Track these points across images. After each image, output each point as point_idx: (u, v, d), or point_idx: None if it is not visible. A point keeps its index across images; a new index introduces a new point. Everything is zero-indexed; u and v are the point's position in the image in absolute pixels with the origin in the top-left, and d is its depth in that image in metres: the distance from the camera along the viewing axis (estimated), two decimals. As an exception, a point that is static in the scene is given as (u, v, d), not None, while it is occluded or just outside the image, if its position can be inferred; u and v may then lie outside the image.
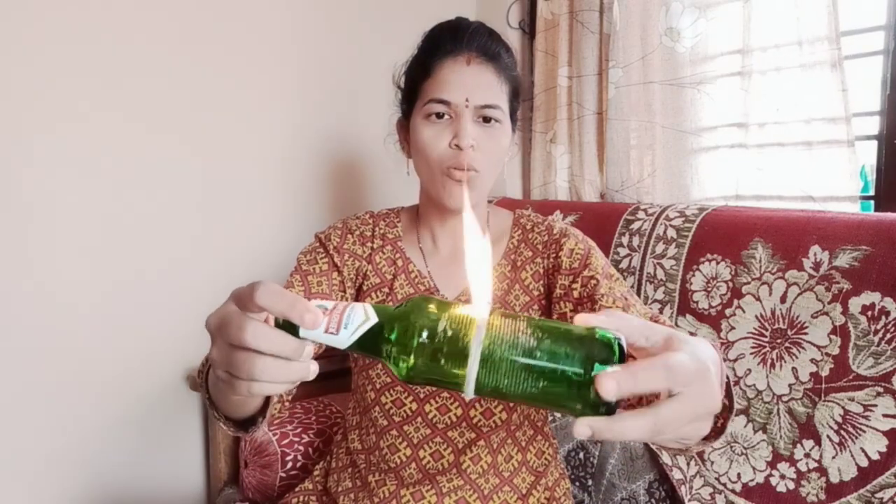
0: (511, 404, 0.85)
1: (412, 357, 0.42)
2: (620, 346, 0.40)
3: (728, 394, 0.58)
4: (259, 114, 1.35)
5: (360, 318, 0.44)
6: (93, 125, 1.14)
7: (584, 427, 0.39)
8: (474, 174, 0.81)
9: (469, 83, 0.80)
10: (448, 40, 0.83)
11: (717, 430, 0.58)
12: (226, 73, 1.29)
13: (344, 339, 0.44)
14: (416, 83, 0.85)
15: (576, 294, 0.81)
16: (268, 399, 0.66)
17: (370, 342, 0.44)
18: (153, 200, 1.22)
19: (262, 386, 0.44)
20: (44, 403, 1.13)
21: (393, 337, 0.43)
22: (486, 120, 0.82)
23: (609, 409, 0.40)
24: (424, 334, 0.42)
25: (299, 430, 1.20)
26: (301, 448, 1.18)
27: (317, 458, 1.19)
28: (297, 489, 0.99)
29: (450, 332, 0.41)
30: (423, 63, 0.85)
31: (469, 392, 0.41)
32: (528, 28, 1.65)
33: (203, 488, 1.36)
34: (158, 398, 1.27)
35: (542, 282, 0.88)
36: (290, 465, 1.16)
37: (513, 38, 1.67)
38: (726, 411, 0.57)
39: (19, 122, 1.06)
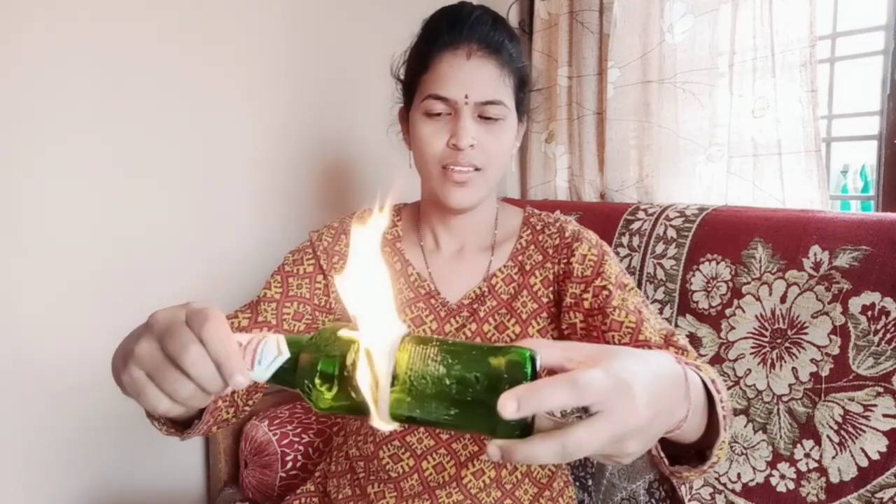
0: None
1: (325, 390, 0.42)
2: (533, 361, 0.39)
3: (712, 419, 0.54)
4: (253, 111, 1.34)
5: (273, 354, 0.44)
6: (80, 126, 1.13)
7: (494, 449, 0.38)
8: (475, 173, 0.78)
9: (469, 78, 0.76)
10: (447, 31, 0.78)
11: (700, 457, 0.56)
12: (216, 69, 1.28)
13: (260, 375, 0.44)
14: (414, 76, 0.81)
15: (586, 304, 0.77)
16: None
17: (285, 377, 0.44)
18: (149, 200, 1.22)
19: (173, 405, 0.45)
20: (43, 403, 1.13)
21: (305, 372, 0.43)
22: (488, 117, 0.77)
23: (524, 430, 0.38)
24: (334, 367, 0.41)
25: (299, 430, 1.20)
26: (301, 448, 1.18)
27: (317, 458, 1.19)
28: (298, 491, 0.98)
29: (358, 364, 0.40)
30: (421, 55, 0.80)
31: (381, 423, 0.40)
32: (528, 28, 1.65)
33: (203, 488, 1.36)
34: (158, 398, 1.27)
35: (551, 288, 0.83)
36: (290, 465, 1.16)
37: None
38: (715, 436, 0.54)
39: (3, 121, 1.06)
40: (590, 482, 1.15)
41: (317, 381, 0.42)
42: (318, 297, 0.84)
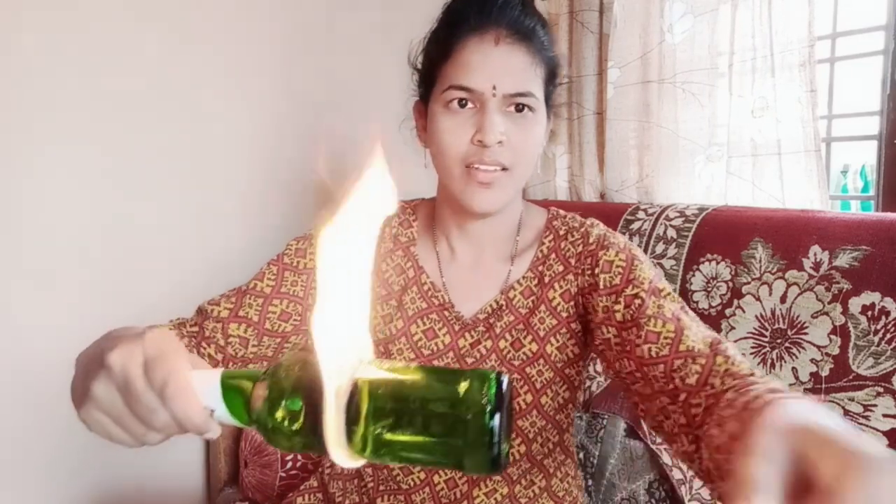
0: (518, 439, 0.76)
1: (282, 427, 0.38)
2: (499, 385, 0.35)
3: None
4: (250, 108, 1.33)
5: (232, 422, 0.42)
6: (78, 127, 1.13)
7: None
8: (501, 173, 0.70)
9: (497, 67, 0.68)
10: (472, 14, 0.70)
11: None
12: (213, 67, 1.28)
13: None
14: (434, 64, 0.73)
15: (619, 317, 0.69)
16: None
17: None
18: (147, 201, 1.22)
19: (143, 443, 0.47)
20: (44, 403, 1.13)
21: (258, 413, 0.39)
22: (518, 109, 0.70)
23: (494, 466, 0.35)
24: (288, 403, 0.38)
25: (299, 430, 1.20)
26: (301, 448, 1.18)
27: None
28: (301, 487, 0.95)
29: (311, 399, 0.36)
30: (442, 41, 0.72)
31: (342, 459, 0.37)
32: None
33: (203, 488, 1.36)
34: (158, 398, 1.26)
35: (572, 302, 0.76)
36: (290, 464, 1.16)
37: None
38: None
39: None
40: (590, 482, 1.15)
41: (270, 419, 0.38)
42: (314, 296, 0.79)
